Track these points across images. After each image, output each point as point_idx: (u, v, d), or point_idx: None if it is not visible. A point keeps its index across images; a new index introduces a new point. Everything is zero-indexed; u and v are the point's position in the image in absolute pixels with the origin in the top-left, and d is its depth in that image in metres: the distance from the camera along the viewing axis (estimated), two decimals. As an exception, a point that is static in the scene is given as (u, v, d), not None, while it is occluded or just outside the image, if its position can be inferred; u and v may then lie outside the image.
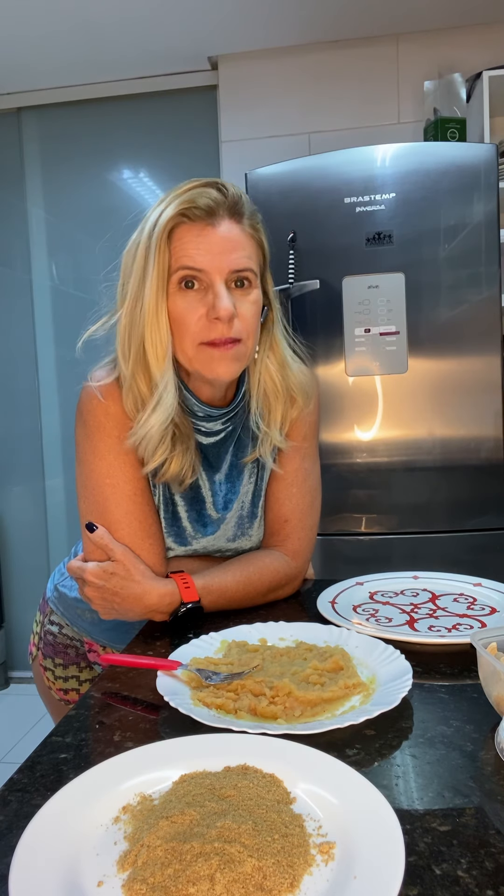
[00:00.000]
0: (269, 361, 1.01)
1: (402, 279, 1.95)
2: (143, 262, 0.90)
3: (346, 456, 2.03)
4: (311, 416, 1.09)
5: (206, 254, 0.88)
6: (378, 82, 2.54)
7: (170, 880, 0.44)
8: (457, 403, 1.98)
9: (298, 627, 0.89)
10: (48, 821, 0.50)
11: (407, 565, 1.17)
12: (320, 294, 1.95)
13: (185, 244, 0.88)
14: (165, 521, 1.02)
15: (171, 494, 1.02)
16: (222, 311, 0.88)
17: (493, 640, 0.70)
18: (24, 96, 2.87)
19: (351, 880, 0.44)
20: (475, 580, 1.04)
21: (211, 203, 0.88)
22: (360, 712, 0.65)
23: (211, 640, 0.86)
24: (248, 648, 0.83)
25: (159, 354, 0.91)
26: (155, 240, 0.88)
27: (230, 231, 0.90)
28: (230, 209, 0.90)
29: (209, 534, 1.05)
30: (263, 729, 0.62)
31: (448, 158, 1.91)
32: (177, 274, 0.89)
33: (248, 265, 0.91)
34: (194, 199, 0.88)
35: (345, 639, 0.84)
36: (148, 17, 2.31)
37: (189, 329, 0.90)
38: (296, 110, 2.59)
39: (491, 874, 0.45)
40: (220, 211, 0.89)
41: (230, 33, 2.44)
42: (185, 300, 0.90)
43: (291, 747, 0.59)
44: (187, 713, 0.65)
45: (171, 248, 0.89)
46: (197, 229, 0.89)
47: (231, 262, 0.89)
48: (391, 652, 0.77)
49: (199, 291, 0.90)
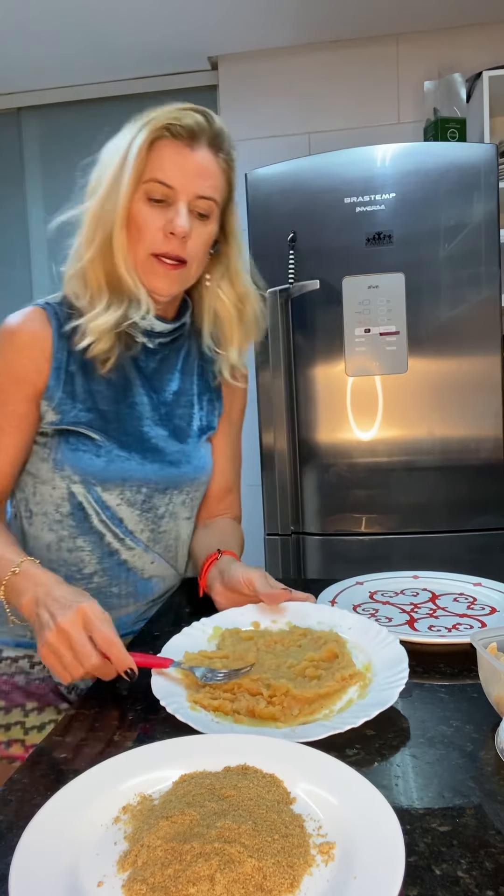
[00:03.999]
0: (223, 291, 1.06)
1: (402, 279, 1.95)
2: (121, 163, 0.93)
3: (346, 456, 2.03)
4: (246, 395, 1.20)
5: (179, 172, 0.93)
6: (378, 82, 2.54)
7: (170, 880, 0.43)
8: (457, 403, 1.97)
9: (290, 606, 0.89)
10: (48, 821, 0.50)
11: (407, 565, 1.17)
12: (320, 294, 1.95)
13: (163, 157, 0.93)
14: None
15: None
16: (178, 229, 0.93)
17: (493, 640, 0.70)
18: (24, 96, 2.86)
19: (351, 880, 0.44)
20: (475, 580, 1.04)
21: (194, 126, 0.93)
22: (357, 712, 0.65)
23: (203, 626, 0.86)
24: (241, 636, 0.83)
25: (127, 255, 0.95)
26: (136, 146, 0.92)
27: (205, 159, 0.95)
28: (211, 138, 0.95)
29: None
30: (262, 734, 0.62)
31: (448, 158, 1.91)
32: (147, 184, 0.93)
33: (213, 195, 0.96)
34: (180, 118, 0.93)
35: (338, 619, 0.84)
36: (148, 17, 2.30)
37: (144, 237, 0.95)
38: (296, 110, 2.59)
39: (491, 874, 0.45)
40: (202, 137, 0.94)
41: (230, 33, 2.44)
42: (149, 211, 0.94)
43: (291, 747, 0.59)
44: (185, 721, 0.65)
45: (148, 158, 0.93)
46: (176, 147, 0.93)
47: (199, 187, 0.94)
48: (385, 635, 0.77)
49: (163, 206, 0.94)
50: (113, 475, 0.99)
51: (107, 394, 1.00)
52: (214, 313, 1.07)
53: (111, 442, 0.99)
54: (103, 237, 0.95)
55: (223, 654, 0.78)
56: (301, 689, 0.69)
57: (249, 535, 1.23)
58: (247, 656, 0.77)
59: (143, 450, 1.01)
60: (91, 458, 0.98)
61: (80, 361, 0.98)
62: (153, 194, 0.93)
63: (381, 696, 0.67)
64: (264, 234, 1.99)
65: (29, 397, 0.97)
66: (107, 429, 0.99)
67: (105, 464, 0.98)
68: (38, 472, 1.01)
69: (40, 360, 0.97)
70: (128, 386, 1.02)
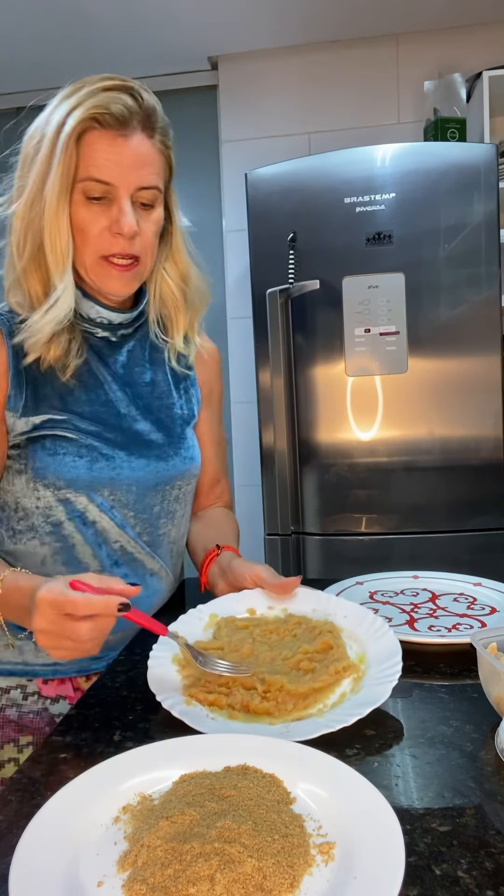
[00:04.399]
0: (167, 273, 1.02)
1: (402, 279, 1.95)
2: (46, 160, 0.87)
3: (346, 456, 2.03)
4: (220, 376, 1.18)
5: (115, 167, 0.86)
6: (378, 82, 2.53)
7: (170, 880, 0.43)
8: (457, 403, 1.97)
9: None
10: (48, 821, 0.50)
11: (407, 565, 1.17)
12: (320, 294, 1.95)
13: (95, 153, 0.86)
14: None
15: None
16: (125, 228, 0.88)
17: (493, 640, 0.70)
18: (25, 96, 2.86)
19: (351, 881, 0.44)
20: (475, 580, 1.04)
21: (124, 111, 0.86)
22: (350, 708, 0.66)
23: (200, 613, 0.86)
24: (237, 625, 0.83)
25: (59, 259, 0.89)
26: (62, 141, 0.85)
27: (141, 145, 0.88)
28: (143, 121, 0.88)
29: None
30: (256, 731, 0.63)
31: (448, 158, 1.91)
32: (83, 183, 0.87)
33: (155, 182, 0.90)
34: (108, 105, 0.85)
35: (333, 606, 0.85)
36: (148, 17, 2.30)
37: (90, 241, 0.89)
38: (296, 110, 2.59)
39: (491, 874, 0.45)
40: (133, 122, 0.87)
41: (230, 33, 2.44)
42: (89, 211, 0.88)
43: (291, 747, 0.59)
44: (179, 717, 0.65)
45: (78, 153, 0.86)
46: (108, 138, 0.86)
47: (140, 178, 0.88)
48: (380, 625, 0.77)
49: (104, 204, 0.88)
50: (99, 475, 0.93)
51: (78, 395, 0.95)
52: (160, 296, 1.03)
53: (92, 439, 0.93)
54: (34, 245, 0.89)
55: (218, 644, 0.79)
56: (295, 684, 0.70)
57: (250, 535, 1.23)
58: (242, 648, 0.78)
59: (127, 445, 0.96)
60: (73, 459, 0.92)
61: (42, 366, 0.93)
62: (91, 193, 0.87)
63: (373, 692, 0.67)
64: (264, 234, 1.99)
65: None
66: (85, 428, 0.93)
67: (89, 464, 0.92)
68: (16, 488, 0.94)
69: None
70: (98, 384, 0.97)
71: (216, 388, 1.16)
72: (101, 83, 0.87)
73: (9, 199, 0.93)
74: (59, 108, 0.87)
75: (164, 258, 1.01)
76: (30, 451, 0.92)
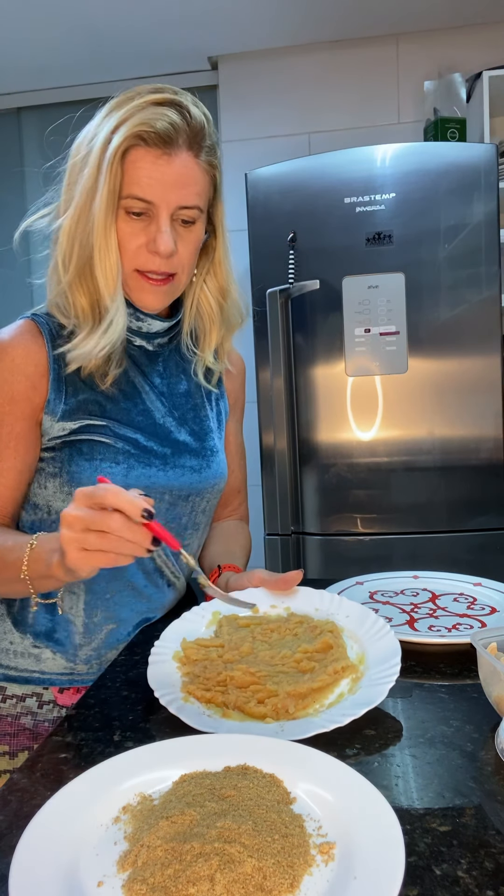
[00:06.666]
0: (207, 286, 1.02)
1: (402, 279, 1.95)
2: (93, 177, 0.87)
3: (346, 456, 2.03)
4: (244, 387, 1.18)
5: (158, 185, 0.86)
6: (378, 82, 2.53)
7: (170, 880, 0.43)
8: (457, 403, 1.97)
9: (290, 591, 0.90)
10: (48, 821, 0.50)
11: (407, 565, 1.17)
12: (320, 294, 1.95)
13: (138, 171, 0.86)
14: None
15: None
16: (162, 248, 0.88)
17: (493, 640, 0.70)
18: (24, 96, 2.86)
19: (351, 881, 0.44)
20: (475, 580, 1.04)
21: (170, 129, 0.85)
22: (345, 709, 0.66)
23: (202, 611, 0.87)
24: (239, 623, 0.84)
25: (109, 278, 0.89)
26: (108, 159, 0.85)
27: (185, 166, 0.87)
28: (190, 140, 0.87)
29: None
30: (250, 730, 0.63)
31: (448, 158, 1.91)
32: (125, 200, 0.87)
33: (196, 202, 0.90)
34: (153, 123, 0.84)
35: (336, 606, 0.85)
36: (148, 18, 2.30)
37: (127, 255, 0.90)
38: (296, 110, 2.59)
39: (491, 874, 0.45)
40: (179, 140, 0.86)
41: (230, 33, 2.44)
42: (129, 226, 0.89)
43: (291, 747, 0.59)
44: (175, 713, 0.66)
45: (123, 170, 0.86)
46: (152, 157, 0.86)
47: (180, 197, 0.88)
48: (381, 626, 0.77)
49: (143, 220, 0.89)
50: (135, 482, 0.92)
51: (117, 402, 0.95)
52: (197, 308, 1.02)
53: (129, 447, 0.93)
54: (82, 259, 0.89)
55: (219, 642, 0.79)
56: (293, 685, 0.70)
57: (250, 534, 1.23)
58: (242, 646, 0.78)
59: (164, 454, 0.96)
60: (110, 465, 0.92)
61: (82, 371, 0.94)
62: (132, 208, 0.88)
63: (370, 693, 0.67)
64: (264, 234, 1.99)
65: (26, 415, 0.91)
66: (123, 434, 0.94)
67: (125, 470, 0.92)
68: (47, 491, 0.94)
69: (35, 375, 0.91)
70: (136, 393, 0.97)
71: (241, 399, 1.16)
72: (149, 96, 0.87)
73: (56, 212, 0.94)
74: (106, 122, 0.87)
75: (206, 271, 1.01)
76: (65, 455, 0.92)
